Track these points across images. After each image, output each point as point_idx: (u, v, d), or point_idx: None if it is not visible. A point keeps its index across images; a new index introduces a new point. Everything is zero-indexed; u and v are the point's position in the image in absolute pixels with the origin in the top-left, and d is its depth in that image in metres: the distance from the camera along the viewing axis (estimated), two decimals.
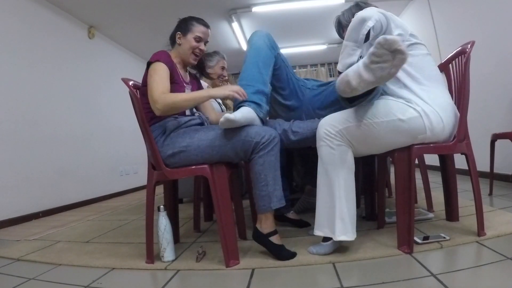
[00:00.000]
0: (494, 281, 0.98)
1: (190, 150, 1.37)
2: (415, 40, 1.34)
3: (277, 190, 1.34)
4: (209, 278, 1.24)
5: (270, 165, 1.33)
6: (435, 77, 1.33)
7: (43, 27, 3.26)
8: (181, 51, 1.59)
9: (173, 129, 1.42)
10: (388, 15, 1.29)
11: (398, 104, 1.28)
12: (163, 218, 1.41)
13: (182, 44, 1.58)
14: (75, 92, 3.65)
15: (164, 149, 1.40)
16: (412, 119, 1.24)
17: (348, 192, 1.29)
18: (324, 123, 1.35)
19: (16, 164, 2.76)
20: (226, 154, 1.36)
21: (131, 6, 3.64)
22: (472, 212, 1.47)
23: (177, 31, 1.60)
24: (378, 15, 1.22)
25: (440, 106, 1.27)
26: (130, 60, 5.08)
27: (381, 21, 1.23)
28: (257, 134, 1.33)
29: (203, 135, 1.38)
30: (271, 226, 1.36)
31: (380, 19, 1.23)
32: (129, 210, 3.00)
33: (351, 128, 1.29)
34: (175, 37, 1.60)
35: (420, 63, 1.32)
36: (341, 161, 1.29)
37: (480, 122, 2.85)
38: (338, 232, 1.26)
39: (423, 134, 1.25)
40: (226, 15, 4.08)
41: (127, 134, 4.60)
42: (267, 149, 1.32)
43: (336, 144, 1.30)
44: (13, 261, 1.62)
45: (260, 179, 1.33)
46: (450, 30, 3.38)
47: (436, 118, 1.24)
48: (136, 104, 1.40)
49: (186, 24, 1.60)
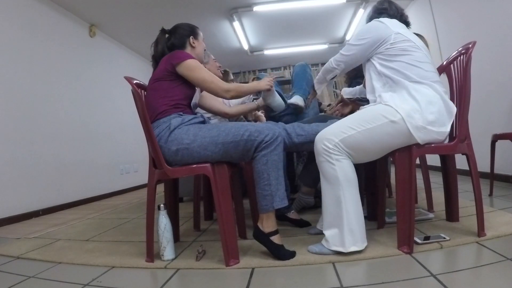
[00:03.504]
0: (494, 281, 0.98)
1: (193, 147, 1.37)
2: (400, 44, 1.39)
3: (280, 190, 1.34)
4: (209, 277, 1.24)
5: (273, 164, 1.34)
6: (424, 76, 1.35)
7: (44, 25, 3.26)
8: (196, 52, 1.67)
9: (177, 125, 1.43)
10: (374, 39, 1.43)
11: (386, 108, 1.30)
12: (163, 216, 1.41)
13: (196, 47, 1.67)
14: (76, 90, 3.65)
15: (169, 144, 1.40)
16: (403, 119, 1.26)
17: (355, 205, 1.31)
18: (320, 138, 1.37)
19: (17, 162, 2.77)
20: (228, 152, 1.36)
21: (132, 4, 3.63)
22: (473, 212, 1.47)
23: (188, 36, 1.66)
24: (348, 58, 1.53)
25: (425, 102, 1.28)
26: (131, 58, 5.08)
27: (355, 58, 1.51)
28: (260, 132, 1.34)
29: (206, 132, 1.39)
30: (272, 226, 1.36)
31: (349, 60, 1.54)
32: (129, 209, 3.00)
33: (347, 138, 1.31)
34: (183, 42, 1.65)
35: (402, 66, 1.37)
36: (344, 177, 1.30)
37: (481, 123, 2.85)
38: (348, 244, 1.28)
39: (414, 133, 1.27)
40: (227, 14, 4.08)
41: (127, 133, 4.60)
42: (270, 148, 1.33)
43: (335, 158, 1.31)
44: (13, 259, 1.62)
45: (263, 178, 1.33)
46: (451, 30, 3.37)
47: (418, 116, 1.26)
48: (139, 102, 1.40)
49: (192, 29, 1.69)
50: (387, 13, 1.57)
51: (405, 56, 1.37)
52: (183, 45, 1.65)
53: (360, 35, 1.47)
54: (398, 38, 1.40)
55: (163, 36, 1.67)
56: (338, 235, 1.29)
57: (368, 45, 1.44)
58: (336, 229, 1.30)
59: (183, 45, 1.65)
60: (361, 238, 1.29)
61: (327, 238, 1.32)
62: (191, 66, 1.48)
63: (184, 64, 1.48)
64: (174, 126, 1.42)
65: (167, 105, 1.47)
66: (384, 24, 1.43)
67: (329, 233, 1.32)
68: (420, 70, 1.35)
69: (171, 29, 1.69)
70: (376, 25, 1.45)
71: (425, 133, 1.27)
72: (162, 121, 1.44)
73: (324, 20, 4.45)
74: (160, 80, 1.50)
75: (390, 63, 1.39)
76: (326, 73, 1.67)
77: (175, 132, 1.40)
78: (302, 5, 4.00)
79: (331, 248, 1.30)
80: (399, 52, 1.38)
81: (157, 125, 1.44)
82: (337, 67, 1.58)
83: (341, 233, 1.29)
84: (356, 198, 1.32)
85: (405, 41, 1.40)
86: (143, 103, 1.43)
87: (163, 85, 1.50)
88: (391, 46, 1.39)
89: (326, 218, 1.34)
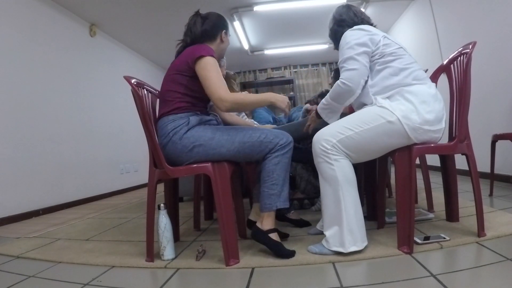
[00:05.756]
0: (494, 281, 0.98)
1: (210, 144, 1.37)
2: (388, 49, 1.38)
3: (284, 191, 1.37)
4: (209, 277, 1.24)
5: (283, 166, 1.37)
6: (418, 77, 1.35)
7: (45, 25, 3.26)
8: (222, 47, 1.61)
9: (196, 124, 1.43)
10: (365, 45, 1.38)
11: (382, 109, 1.31)
12: (164, 216, 1.41)
13: (224, 42, 1.61)
14: (76, 90, 3.65)
15: (184, 141, 1.38)
16: (399, 120, 1.27)
17: (355, 205, 1.31)
18: (318, 138, 1.36)
19: (17, 161, 2.76)
20: (243, 151, 1.38)
21: (133, 4, 3.63)
22: (473, 212, 1.48)
23: (222, 29, 1.58)
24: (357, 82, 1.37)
25: (420, 101, 1.29)
26: (131, 58, 5.07)
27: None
28: (276, 136, 1.38)
29: (224, 132, 1.40)
30: (271, 224, 1.38)
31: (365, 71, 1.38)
32: (129, 208, 3.01)
33: (344, 139, 1.31)
34: (215, 33, 1.57)
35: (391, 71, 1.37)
36: (343, 177, 1.30)
37: (481, 123, 2.85)
38: (348, 244, 1.27)
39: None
40: (228, 14, 4.07)
41: (128, 132, 4.60)
42: (283, 151, 1.37)
43: (333, 159, 1.31)
44: (13, 258, 1.62)
45: (272, 177, 1.35)
46: (452, 30, 3.37)
47: (415, 116, 1.26)
48: (139, 102, 1.40)
49: (226, 23, 1.62)
50: (346, 25, 1.53)
51: (396, 60, 1.37)
52: (215, 36, 1.56)
53: (354, 42, 1.39)
54: (385, 41, 1.40)
55: (199, 18, 1.57)
56: (338, 236, 1.29)
57: (370, 50, 1.40)
58: (336, 230, 1.30)
59: (215, 36, 1.56)
60: (361, 237, 1.30)
61: (327, 239, 1.32)
62: (207, 63, 1.38)
63: (204, 60, 1.38)
64: (193, 124, 1.42)
65: (186, 102, 1.44)
66: (366, 30, 1.42)
67: (329, 233, 1.32)
68: (411, 71, 1.35)
69: (205, 14, 1.60)
70: (360, 33, 1.41)
71: (422, 133, 1.27)
72: (180, 116, 1.42)
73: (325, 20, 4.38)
74: (181, 74, 1.44)
75: (383, 71, 1.37)
76: (340, 99, 1.41)
77: (193, 129, 1.40)
78: (302, 5, 4.00)
79: (331, 249, 1.30)
80: (390, 57, 1.38)
81: (173, 119, 1.42)
82: (355, 86, 1.36)
83: (341, 234, 1.28)
84: (356, 198, 1.32)
85: (391, 44, 1.40)
86: (143, 103, 1.43)
87: (184, 80, 1.44)
88: (381, 51, 1.38)
89: (326, 219, 1.34)
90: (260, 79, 6.85)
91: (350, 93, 1.37)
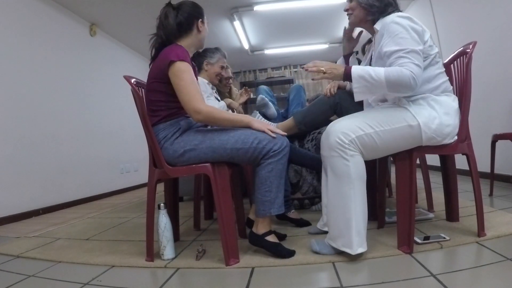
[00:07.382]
0: (494, 281, 0.98)
1: (201, 148, 1.35)
2: (433, 51, 1.33)
3: (279, 198, 1.34)
4: (208, 277, 1.24)
5: (277, 173, 1.33)
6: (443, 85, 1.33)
7: (45, 24, 3.26)
8: (200, 37, 1.52)
9: (186, 128, 1.42)
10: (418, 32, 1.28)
11: (407, 113, 1.28)
12: (164, 216, 1.41)
13: (202, 32, 1.52)
14: (76, 90, 3.65)
15: (175, 146, 1.38)
16: (419, 126, 1.25)
17: (363, 205, 1.26)
18: (335, 130, 1.27)
19: (17, 161, 2.76)
20: (237, 156, 1.34)
21: (133, 3, 3.63)
22: (473, 212, 1.48)
23: (198, 18, 1.50)
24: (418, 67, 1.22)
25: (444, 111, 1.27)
26: (131, 57, 5.07)
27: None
28: (270, 141, 1.32)
29: (215, 135, 1.37)
30: (266, 227, 1.37)
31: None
32: (129, 208, 3.00)
33: (363, 136, 1.26)
34: (191, 24, 1.49)
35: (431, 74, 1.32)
36: (356, 174, 1.24)
37: (481, 123, 2.85)
38: (355, 246, 1.22)
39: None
40: (228, 13, 4.08)
41: (128, 132, 4.60)
42: (278, 157, 1.32)
43: (350, 154, 1.24)
44: (13, 258, 1.62)
45: (265, 184, 1.33)
46: (452, 30, 3.37)
47: (434, 126, 1.25)
48: (139, 102, 1.40)
49: (200, 11, 1.53)
50: (391, 5, 1.42)
51: (434, 66, 1.33)
52: (191, 27, 1.48)
53: (416, 34, 1.26)
54: (430, 42, 1.32)
55: (171, 10, 1.48)
56: (345, 236, 1.24)
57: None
58: (343, 229, 1.24)
59: (190, 26, 1.48)
60: (365, 238, 1.26)
61: (332, 238, 1.28)
62: (180, 70, 1.34)
63: (176, 66, 1.34)
64: (184, 128, 1.41)
65: (172, 108, 1.42)
66: (418, 23, 1.29)
67: (335, 233, 1.27)
68: (443, 82, 1.33)
69: (177, 4, 1.51)
70: (418, 25, 1.29)
71: (434, 142, 1.27)
72: (169, 123, 1.41)
73: (325, 19, 4.44)
74: (159, 82, 1.39)
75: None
76: (395, 88, 1.23)
77: (184, 134, 1.40)
78: (302, 5, 3.99)
79: (340, 248, 1.25)
80: (431, 60, 1.32)
81: (163, 127, 1.40)
82: (418, 84, 1.23)
83: (349, 234, 1.22)
84: (365, 197, 1.27)
85: (433, 47, 1.34)
86: (143, 103, 1.43)
87: (163, 88, 1.39)
88: (427, 52, 1.30)
89: (332, 216, 1.29)
90: (260, 79, 6.84)
91: (409, 89, 1.22)
